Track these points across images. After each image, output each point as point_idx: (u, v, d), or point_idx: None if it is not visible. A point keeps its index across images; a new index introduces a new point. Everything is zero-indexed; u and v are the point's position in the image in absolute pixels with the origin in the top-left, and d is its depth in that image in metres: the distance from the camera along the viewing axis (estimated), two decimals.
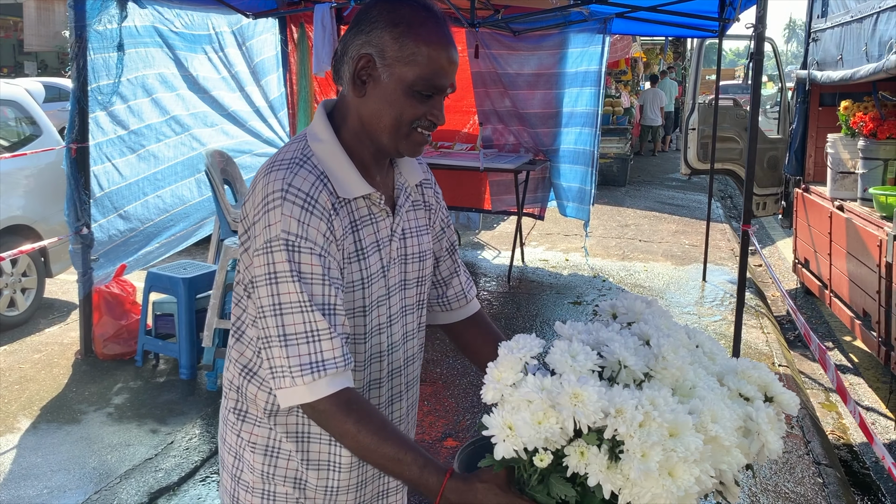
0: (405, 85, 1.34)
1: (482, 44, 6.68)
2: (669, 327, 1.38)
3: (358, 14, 1.37)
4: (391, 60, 1.33)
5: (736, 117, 7.69)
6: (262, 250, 1.28)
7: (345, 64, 1.37)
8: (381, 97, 1.35)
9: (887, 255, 4.16)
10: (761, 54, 3.21)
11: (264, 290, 1.28)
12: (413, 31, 1.32)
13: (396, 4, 1.34)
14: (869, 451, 4.22)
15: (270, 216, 1.27)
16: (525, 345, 1.29)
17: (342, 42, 1.38)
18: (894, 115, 4.89)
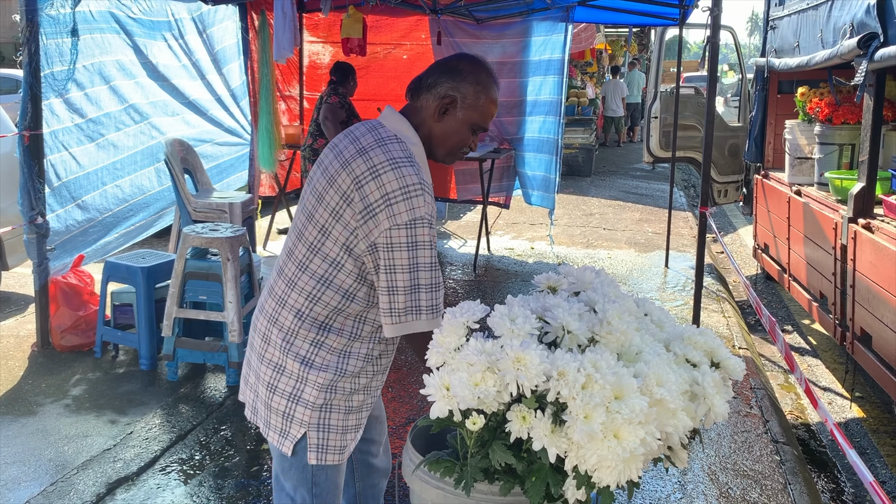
0: (470, 123, 1.92)
1: (445, 31, 6.67)
2: (618, 296, 1.39)
3: (449, 61, 1.95)
4: (468, 105, 1.91)
5: (697, 105, 7.78)
6: (405, 226, 1.74)
7: (431, 94, 1.90)
8: (452, 126, 1.92)
9: (842, 238, 4.24)
10: (717, 37, 3.24)
11: (404, 253, 1.74)
12: (486, 90, 1.92)
13: (479, 67, 1.93)
14: (825, 430, 4.31)
15: (415, 202, 1.76)
16: (469, 310, 1.29)
17: (430, 75, 1.92)
18: (849, 100, 4.98)
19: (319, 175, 1.89)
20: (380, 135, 1.86)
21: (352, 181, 1.79)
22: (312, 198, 1.88)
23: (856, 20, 4.12)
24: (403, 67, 7.51)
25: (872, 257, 3.82)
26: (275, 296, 1.93)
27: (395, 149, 1.82)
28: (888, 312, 3.63)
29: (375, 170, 1.78)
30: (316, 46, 7.45)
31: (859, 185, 4.12)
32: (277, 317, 1.90)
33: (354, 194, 1.78)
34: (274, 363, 1.89)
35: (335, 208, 1.81)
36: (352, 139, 1.88)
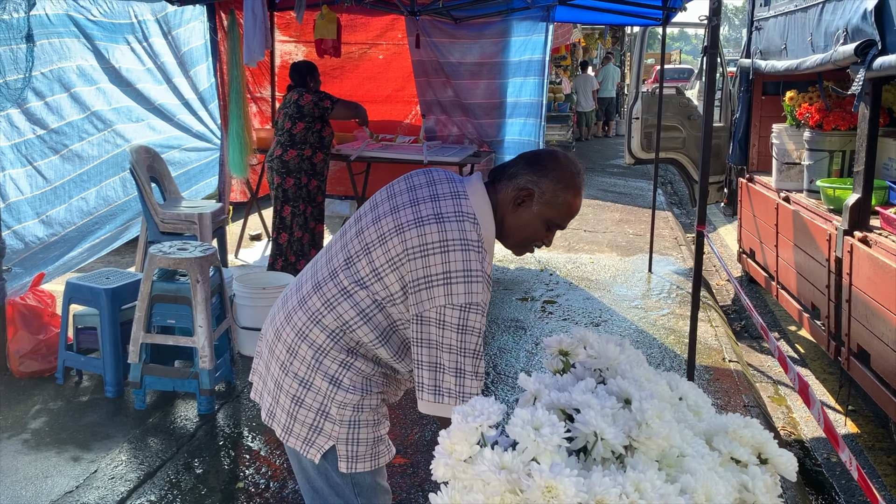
0: (545, 219, 1.88)
1: (423, 31, 6.46)
2: (649, 378, 1.21)
3: (537, 154, 1.91)
4: (545, 201, 1.87)
5: (678, 106, 7.65)
6: (459, 308, 1.76)
7: (511, 183, 1.88)
8: (525, 220, 1.89)
9: (837, 250, 4.11)
10: (717, 48, 3.08)
11: (454, 334, 1.77)
12: (567, 190, 1.87)
13: (566, 165, 1.89)
14: (820, 447, 4.20)
15: (474, 287, 1.77)
16: (482, 410, 1.10)
17: (515, 165, 1.90)
18: (840, 106, 4.86)
19: (388, 212, 1.88)
20: (461, 207, 1.84)
21: (420, 245, 1.80)
22: (375, 233, 1.87)
23: (850, 25, 3.98)
24: (380, 67, 7.29)
25: (870, 273, 3.70)
26: (308, 311, 1.92)
27: (470, 229, 1.81)
28: (888, 331, 3.50)
29: (446, 245, 1.78)
30: (288, 46, 7.20)
31: (855, 196, 3.99)
32: (308, 333, 1.91)
33: (418, 259, 1.79)
34: (300, 378, 1.92)
35: (394, 259, 1.82)
36: (431, 194, 1.87)
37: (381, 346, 1.90)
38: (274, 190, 5.53)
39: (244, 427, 3.77)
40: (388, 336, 1.90)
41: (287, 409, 1.94)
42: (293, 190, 5.45)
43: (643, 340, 5.11)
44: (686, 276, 6.79)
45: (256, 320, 4.51)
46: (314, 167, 5.49)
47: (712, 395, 4.30)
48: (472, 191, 1.87)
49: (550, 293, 6.10)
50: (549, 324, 5.39)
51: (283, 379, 1.95)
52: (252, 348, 4.59)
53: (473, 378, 1.79)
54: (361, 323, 1.87)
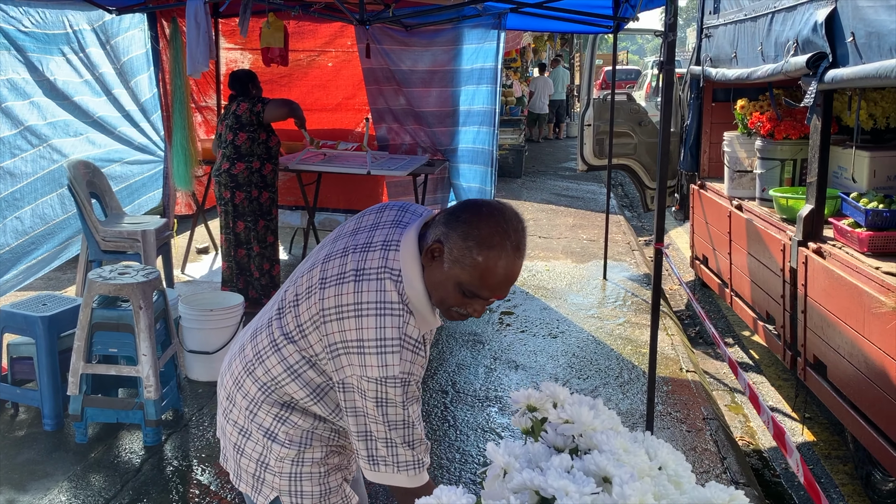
0: (456, 281, 1.60)
1: (373, 39, 6.33)
2: (627, 448, 1.12)
3: (458, 204, 1.64)
4: (454, 259, 1.58)
5: (629, 112, 7.66)
6: (376, 381, 1.58)
7: (431, 233, 1.64)
8: (438, 278, 1.61)
9: (791, 261, 4.13)
10: (672, 63, 3.04)
11: (374, 408, 1.60)
12: (480, 250, 1.55)
13: (481, 220, 1.57)
14: (779, 457, 4.21)
15: (388, 358, 1.57)
16: (447, 501, 1.00)
17: (441, 213, 1.66)
18: (790, 115, 4.89)
19: (322, 260, 1.73)
20: (386, 261, 1.63)
21: (335, 305, 1.63)
22: (306, 283, 1.72)
23: (801, 37, 4.00)
24: (329, 75, 7.14)
25: (826, 285, 3.71)
26: (243, 359, 1.82)
27: (390, 289, 1.61)
28: (844, 343, 3.52)
29: (360, 308, 1.60)
30: (234, 54, 7.00)
31: (808, 206, 4.01)
32: (243, 383, 1.81)
33: (334, 322, 1.63)
34: (240, 426, 1.83)
35: (315, 318, 1.67)
36: (365, 243, 1.69)
37: (315, 403, 1.77)
38: (223, 205, 5.33)
39: (193, 458, 3.60)
40: (322, 393, 1.76)
41: (233, 456, 1.87)
42: (245, 204, 5.28)
43: (601, 351, 5.07)
44: (640, 282, 6.80)
45: (205, 343, 4.34)
46: (264, 179, 5.31)
47: (671, 408, 4.28)
48: (405, 241, 1.65)
49: (508, 304, 6.04)
50: (507, 336, 5.32)
51: (225, 426, 1.88)
52: (201, 372, 4.42)
53: (407, 447, 1.64)
54: (290, 379, 1.74)
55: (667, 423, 4.07)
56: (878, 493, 3.53)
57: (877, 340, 3.19)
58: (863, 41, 3.36)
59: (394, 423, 1.61)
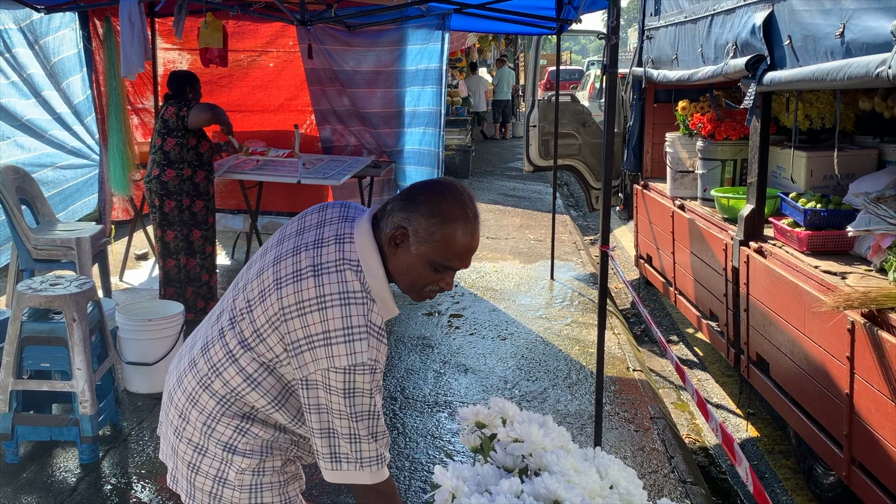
0: (426, 260, 1.67)
1: (315, 39, 6.23)
2: (577, 468, 1.09)
3: (409, 190, 1.70)
4: (421, 239, 1.65)
5: (574, 113, 7.72)
6: (344, 371, 1.59)
7: (388, 222, 1.68)
8: (407, 262, 1.68)
9: (733, 260, 4.19)
10: (616, 66, 3.04)
11: (341, 399, 1.60)
12: (445, 224, 1.64)
13: (440, 197, 1.66)
14: (724, 454, 4.27)
15: (356, 346, 1.59)
16: None
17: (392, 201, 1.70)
18: (730, 116, 4.98)
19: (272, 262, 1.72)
20: (343, 253, 1.67)
21: (296, 302, 1.63)
22: (257, 287, 1.71)
23: (739, 39, 4.06)
24: (270, 76, 7.00)
25: (766, 283, 3.77)
26: (196, 374, 1.78)
27: (352, 279, 1.64)
28: (785, 341, 3.58)
29: (323, 301, 1.62)
30: (172, 54, 6.81)
31: (749, 207, 4.08)
32: (198, 399, 1.76)
33: (296, 318, 1.63)
34: (195, 444, 1.78)
35: (273, 319, 1.66)
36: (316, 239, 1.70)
37: (277, 410, 1.75)
38: (153, 213, 5.15)
39: (133, 475, 3.47)
40: (284, 399, 1.75)
41: (185, 476, 1.81)
42: (175, 213, 5.09)
43: (549, 352, 5.08)
44: (587, 281, 6.85)
45: (143, 354, 4.19)
46: (196, 187, 5.13)
47: (619, 407, 4.31)
48: (358, 232, 1.70)
49: (456, 306, 6.01)
50: (455, 339, 5.29)
51: (177, 444, 1.82)
52: (140, 384, 4.27)
53: (371, 441, 1.64)
54: (250, 389, 1.72)
55: (615, 423, 4.09)
56: (819, 486, 3.61)
57: (817, 338, 3.25)
58: (799, 44, 3.42)
59: (361, 413, 1.61)
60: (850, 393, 3.00)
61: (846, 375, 3.00)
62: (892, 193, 3.33)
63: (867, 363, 2.85)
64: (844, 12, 3.00)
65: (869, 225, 3.28)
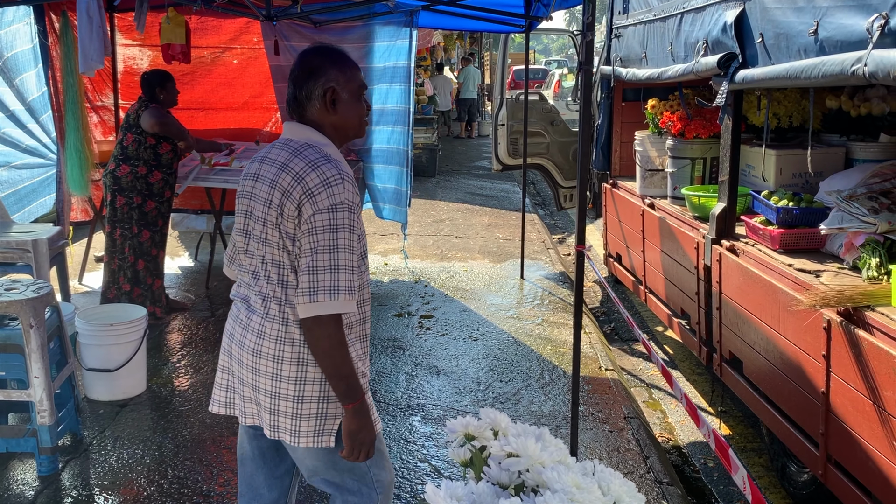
0: (356, 95, 2.11)
1: (281, 36, 6.10)
2: (579, 485, 1.03)
3: (302, 68, 2.09)
4: (344, 83, 2.09)
5: (542, 112, 7.70)
6: (327, 210, 1.92)
7: (313, 101, 2.07)
8: (346, 108, 2.11)
9: (705, 258, 4.19)
10: (591, 63, 3.00)
11: (326, 235, 1.92)
12: (344, 62, 2.12)
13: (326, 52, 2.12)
14: (697, 452, 4.27)
15: (334, 189, 1.94)
16: None
17: (299, 89, 2.08)
18: (700, 114, 4.98)
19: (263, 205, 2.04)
20: (293, 147, 2.04)
21: (283, 189, 1.98)
22: (259, 225, 2.05)
23: (710, 37, 4.05)
24: (234, 73, 6.85)
25: (739, 281, 3.77)
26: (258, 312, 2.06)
27: (312, 156, 2.00)
28: (759, 339, 3.58)
29: (299, 175, 1.97)
30: (132, 50, 6.62)
31: (720, 205, 4.07)
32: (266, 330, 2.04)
33: (286, 201, 1.97)
34: (293, 379, 2.02)
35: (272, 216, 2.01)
36: (271, 161, 2.05)
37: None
38: (106, 207, 5.13)
39: (94, 487, 3.34)
40: None
41: (291, 413, 2.02)
42: (124, 210, 5.03)
43: (521, 353, 5.04)
44: (556, 280, 6.83)
45: (105, 360, 4.05)
46: (150, 187, 5.05)
47: (592, 408, 4.28)
48: (293, 133, 2.08)
49: (427, 307, 5.94)
50: (427, 341, 5.22)
51: (278, 387, 2.02)
52: (102, 391, 4.13)
53: (348, 272, 1.93)
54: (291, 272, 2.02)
55: (589, 423, 4.06)
56: (793, 484, 3.61)
57: (792, 337, 3.24)
58: (771, 42, 3.42)
59: (343, 246, 1.92)
60: (825, 391, 2.99)
61: (822, 374, 3.00)
62: (863, 191, 3.34)
63: (843, 361, 2.85)
64: (818, 10, 3.00)
65: (842, 223, 3.28)
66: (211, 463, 3.55)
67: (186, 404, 4.15)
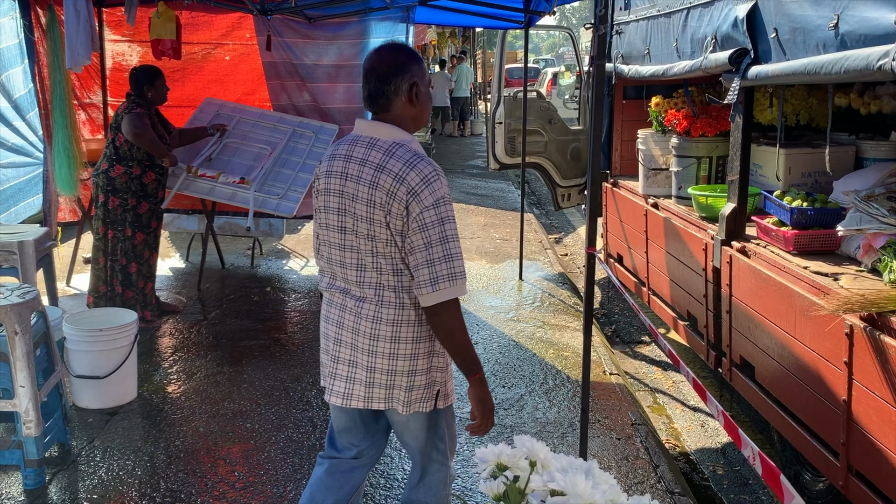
0: (428, 87, 2.30)
1: (274, 31, 5.95)
2: None
3: (387, 63, 2.21)
4: (421, 78, 2.25)
5: (539, 110, 7.57)
6: (432, 207, 2.10)
7: (400, 94, 2.21)
8: (424, 101, 2.28)
9: (714, 260, 4.07)
10: (603, 58, 2.88)
11: (436, 229, 2.10)
12: (419, 58, 2.30)
13: (403, 48, 2.29)
14: (705, 458, 4.16)
15: (434, 186, 2.11)
16: None
17: (386, 84, 2.20)
18: (706, 112, 4.87)
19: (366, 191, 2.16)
20: (383, 147, 2.17)
21: (386, 190, 2.11)
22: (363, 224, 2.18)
23: (720, 33, 3.94)
24: (226, 70, 6.69)
25: (752, 284, 3.65)
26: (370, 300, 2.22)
27: (409, 152, 2.16)
28: (773, 344, 3.46)
29: (399, 176, 2.11)
30: (121, 46, 6.45)
31: (730, 205, 3.96)
32: (383, 315, 2.21)
33: (392, 201, 2.11)
34: (409, 354, 2.23)
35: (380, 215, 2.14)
36: (360, 161, 2.18)
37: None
38: (97, 208, 4.97)
39: (83, 500, 3.19)
40: None
41: (405, 386, 2.25)
42: (118, 212, 4.88)
43: (523, 357, 4.92)
44: (555, 281, 6.72)
45: (94, 367, 3.89)
46: (144, 188, 4.92)
47: (599, 414, 4.16)
48: (377, 133, 2.21)
49: None
50: None
51: (394, 365, 2.23)
52: (91, 399, 3.97)
53: (459, 258, 2.13)
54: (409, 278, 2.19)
55: (596, 431, 3.94)
56: (807, 493, 3.50)
57: (810, 342, 3.13)
58: (787, 37, 3.31)
59: (452, 236, 2.13)
60: (847, 399, 2.88)
61: (843, 381, 2.89)
62: (882, 191, 3.23)
63: (867, 368, 2.74)
64: (839, 3, 2.88)
65: (860, 224, 3.17)
66: (205, 474, 3.40)
67: (179, 412, 4.00)
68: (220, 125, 5.79)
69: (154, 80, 4.97)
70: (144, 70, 5.01)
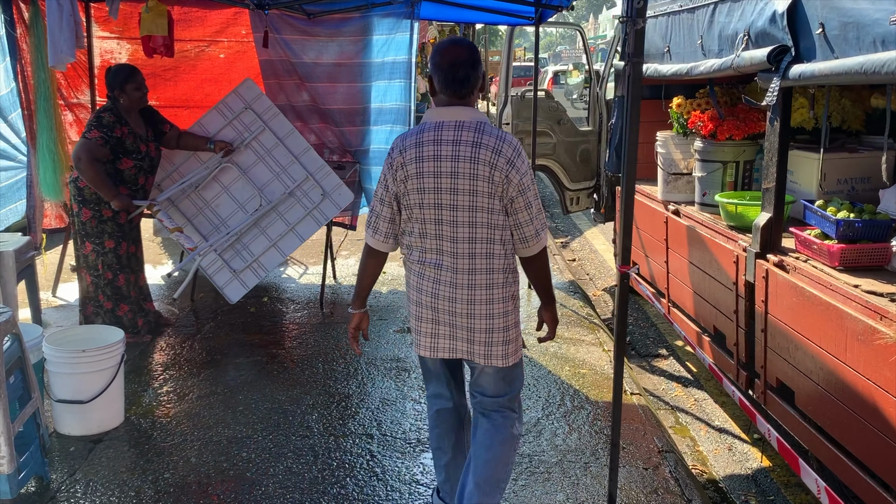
0: None
1: (271, 28, 5.65)
2: None
3: (472, 55, 2.56)
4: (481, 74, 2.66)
5: (548, 110, 7.28)
6: (526, 171, 2.51)
7: (477, 83, 2.59)
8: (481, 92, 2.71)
9: (747, 274, 3.78)
10: (641, 56, 2.59)
11: (531, 191, 2.53)
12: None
13: (470, 43, 2.68)
14: (735, 486, 3.86)
15: (523, 155, 2.52)
16: None
17: (475, 73, 2.56)
18: (732, 114, 4.57)
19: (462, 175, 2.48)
20: (471, 126, 2.49)
21: (487, 162, 2.44)
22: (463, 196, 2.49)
23: (754, 29, 3.64)
24: (221, 68, 6.38)
25: (792, 301, 3.36)
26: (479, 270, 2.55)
27: (490, 129, 2.50)
28: (817, 368, 3.17)
29: (496, 149, 2.45)
30: (109, 43, 6.13)
31: (765, 215, 3.66)
32: (493, 281, 2.56)
33: (494, 172, 2.44)
34: (504, 312, 2.60)
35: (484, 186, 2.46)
36: (452, 142, 2.48)
37: None
38: (71, 219, 4.71)
39: None
40: None
41: (501, 341, 2.61)
42: (93, 224, 4.56)
43: (538, 375, 4.62)
44: (566, 290, 6.42)
45: (77, 391, 3.59)
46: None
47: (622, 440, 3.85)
48: (466, 115, 2.52)
49: None
50: None
51: (492, 323, 2.59)
52: (73, 425, 3.66)
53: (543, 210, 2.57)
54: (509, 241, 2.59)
55: (622, 459, 3.63)
56: None
57: (864, 369, 2.84)
58: (835, 33, 3.01)
59: (538, 195, 2.55)
60: None
61: None
62: None
63: None
64: None
65: None
66: None
67: (169, 439, 3.70)
68: (225, 144, 5.15)
69: (125, 85, 4.54)
70: (117, 72, 4.59)
